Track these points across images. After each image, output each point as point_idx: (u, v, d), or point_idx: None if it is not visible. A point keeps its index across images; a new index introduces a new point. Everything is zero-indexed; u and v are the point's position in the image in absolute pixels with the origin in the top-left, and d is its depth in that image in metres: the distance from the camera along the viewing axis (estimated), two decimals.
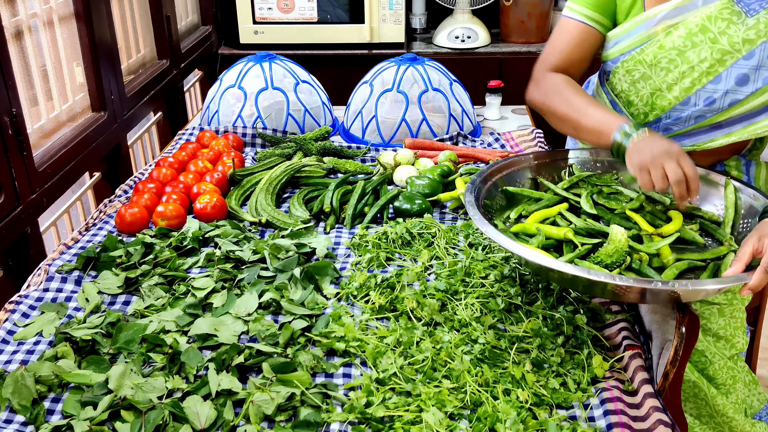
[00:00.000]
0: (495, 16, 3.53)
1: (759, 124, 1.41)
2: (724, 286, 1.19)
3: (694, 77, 1.41)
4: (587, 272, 1.17)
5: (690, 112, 1.45)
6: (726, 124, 1.44)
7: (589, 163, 1.61)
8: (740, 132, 1.43)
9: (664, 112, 1.48)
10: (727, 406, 1.59)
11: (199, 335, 1.32)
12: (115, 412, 1.14)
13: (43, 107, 1.99)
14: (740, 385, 1.63)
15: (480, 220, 1.31)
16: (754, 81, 1.37)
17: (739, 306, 1.59)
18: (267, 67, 2.30)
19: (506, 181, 1.56)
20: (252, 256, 1.57)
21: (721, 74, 1.39)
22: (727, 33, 1.37)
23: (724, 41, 1.37)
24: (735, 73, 1.38)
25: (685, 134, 1.49)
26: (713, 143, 1.47)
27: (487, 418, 1.12)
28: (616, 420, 1.13)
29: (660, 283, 1.16)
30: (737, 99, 1.39)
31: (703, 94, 1.42)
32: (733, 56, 1.37)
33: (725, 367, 1.60)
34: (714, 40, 1.38)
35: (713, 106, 1.42)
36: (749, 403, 1.68)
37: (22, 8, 1.88)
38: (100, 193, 2.33)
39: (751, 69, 1.37)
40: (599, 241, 1.36)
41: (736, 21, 1.36)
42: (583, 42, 1.53)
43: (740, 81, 1.38)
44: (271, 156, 2.08)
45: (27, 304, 1.44)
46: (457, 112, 2.28)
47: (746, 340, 1.62)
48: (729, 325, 1.58)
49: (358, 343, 1.30)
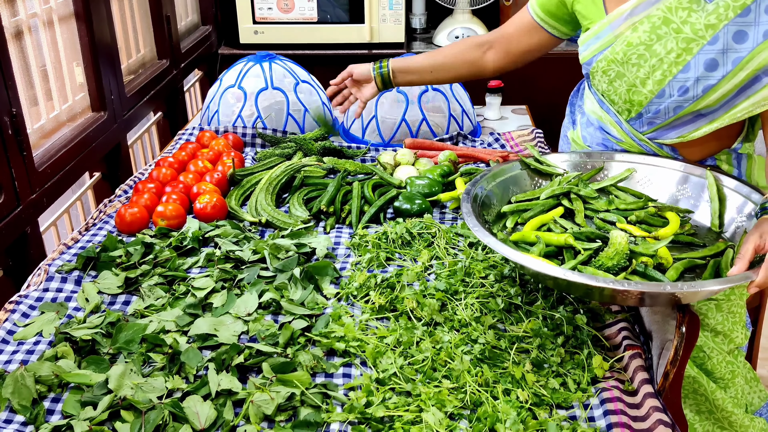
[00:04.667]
0: (495, 16, 3.53)
1: (738, 107, 1.42)
2: (732, 285, 1.18)
3: (664, 69, 1.43)
4: (596, 280, 1.17)
5: (667, 104, 1.47)
6: (707, 112, 1.46)
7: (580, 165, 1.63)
8: (722, 118, 1.45)
9: (643, 107, 1.50)
10: (726, 400, 1.59)
11: (199, 335, 1.32)
12: (115, 412, 1.14)
13: (43, 107, 1.99)
14: (740, 380, 1.63)
15: (481, 232, 1.31)
16: (723, 64, 1.39)
17: (738, 301, 1.59)
18: (267, 67, 2.30)
19: (500, 187, 1.57)
20: (252, 256, 1.57)
21: (690, 62, 1.41)
22: (689, 21, 1.39)
23: (688, 30, 1.39)
24: (703, 60, 1.40)
25: (668, 126, 1.51)
26: (698, 132, 1.48)
27: (487, 418, 1.12)
28: (616, 420, 1.13)
29: (668, 286, 1.15)
30: (710, 84, 1.41)
31: (676, 84, 1.44)
32: (698, 43, 1.39)
33: (724, 361, 1.60)
34: (678, 30, 1.40)
35: (688, 95, 1.43)
36: (750, 399, 1.68)
37: (22, 8, 1.88)
38: (100, 193, 2.33)
39: (718, 53, 1.38)
40: (599, 245, 1.36)
41: (696, 8, 1.38)
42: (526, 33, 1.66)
43: (709, 66, 1.40)
44: (271, 156, 2.08)
45: (27, 304, 1.44)
46: (457, 112, 2.28)
47: (746, 334, 1.62)
48: (727, 320, 1.58)
49: (358, 343, 1.30)
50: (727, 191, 1.45)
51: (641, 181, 1.57)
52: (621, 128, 1.58)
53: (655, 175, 1.56)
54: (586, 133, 1.71)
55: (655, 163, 1.56)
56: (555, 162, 1.64)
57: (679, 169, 1.54)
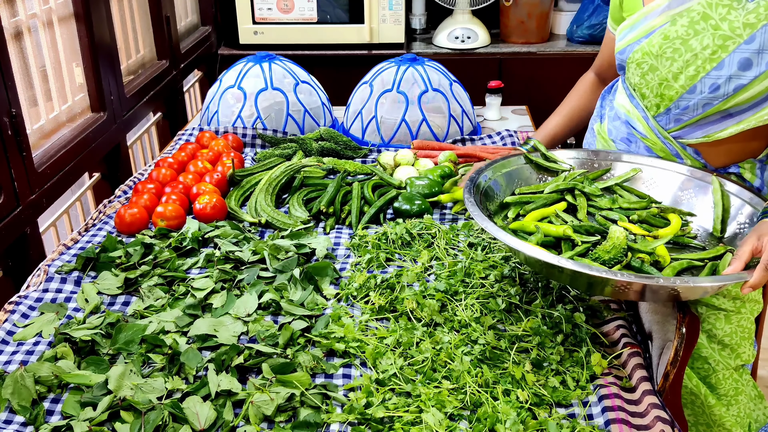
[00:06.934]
0: (495, 16, 3.53)
1: (766, 110, 1.42)
2: (725, 283, 1.19)
3: (698, 65, 1.43)
4: (589, 268, 1.17)
5: (697, 100, 1.46)
6: (735, 113, 1.45)
7: (587, 163, 1.63)
8: (749, 120, 1.44)
9: (672, 101, 1.49)
10: (725, 417, 1.58)
11: (199, 336, 1.32)
12: (114, 413, 1.14)
13: (43, 108, 1.99)
14: (743, 398, 1.61)
15: (480, 217, 1.31)
16: (757, 65, 1.38)
17: (747, 316, 1.58)
18: (267, 67, 2.30)
19: (505, 178, 1.57)
20: (252, 257, 1.57)
21: (724, 60, 1.40)
22: (728, 18, 1.39)
23: (726, 27, 1.39)
24: (737, 58, 1.39)
25: (695, 124, 1.50)
26: (723, 132, 1.47)
27: (487, 418, 1.12)
28: (615, 417, 1.13)
29: (661, 279, 1.16)
30: (741, 84, 1.40)
31: (708, 81, 1.43)
32: (734, 41, 1.39)
33: (730, 378, 1.59)
34: (716, 26, 1.40)
35: (718, 93, 1.43)
36: (755, 417, 1.67)
37: (22, 9, 1.88)
38: (100, 193, 2.33)
39: (753, 53, 1.38)
40: (597, 239, 1.36)
41: (736, 6, 1.38)
42: (609, 44, 1.73)
43: (743, 66, 1.39)
44: (271, 156, 2.08)
45: (26, 304, 1.44)
46: (457, 113, 2.28)
47: (753, 353, 1.61)
48: (735, 334, 1.57)
49: (358, 343, 1.30)
50: (731, 197, 1.45)
51: (646, 182, 1.57)
52: (647, 124, 1.57)
53: (660, 177, 1.56)
54: (612, 126, 1.71)
55: (661, 166, 1.56)
56: (562, 158, 1.64)
57: (684, 172, 1.53)
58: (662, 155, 1.58)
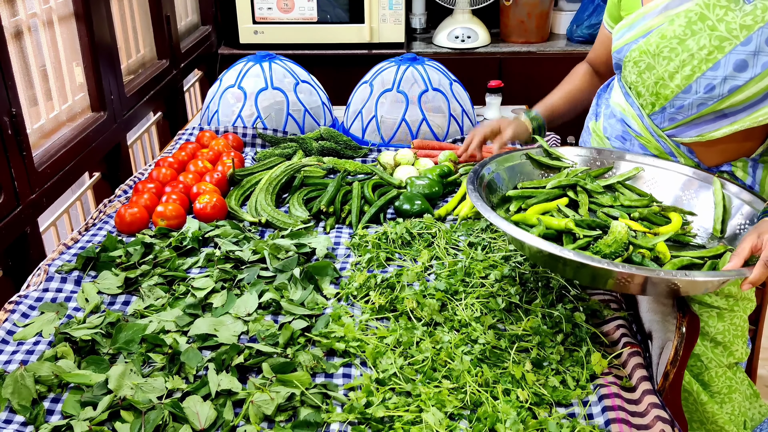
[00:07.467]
0: (495, 16, 3.53)
1: (760, 111, 1.42)
2: (726, 278, 1.19)
3: (694, 65, 1.43)
4: (592, 260, 1.17)
5: (692, 100, 1.46)
6: (730, 113, 1.45)
7: (590, 161, 1.63)
8: (743, 120, 1.44)
9: (668, 101, 1.50)
10: (718, 415, 1.58)
11: (199, 335, 1.32)
12: (114, 413, 1.14)
13: (43, 107, 1.99)
14: (737, 396, 1.61)
15: (483, 207, 1.31)
16: (752, 66, 1.38)
17: (741, 314, 1.58)
18: (267, 67, 2.30)
19: (508, 172, 1.57)
20: (252, 257, 1.57)
21: (720, 61, 1.41)
22: (725, 20, 1.39)
23: (722, 28, 1.39)
24: (733, 60, 1.40)
25: (690, 123, 1.51)
26: (717, 132, 1.48)
27: (487, 418, 1.12)
28: (615, 416, 1.13)
29: (663, 272, 1.16)
30: (737, 85, 1.41)
31: (703, 82, 1.44)
32: (731, 42, 1.39)
33: (723, 375, 1.59)
34: (713, 27, 1.40)
35: (713, 93, 1.43)
36: (750, 415, 1.68)
37: (22, 8, 1.88)
38: (100, 193, 2.33)
39: (749, 55, 1.38)
40: (599, 233, 1.36)
41: (733, 8, 1.39)
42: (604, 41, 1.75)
43: (738, 67, 1.40)
44: (271, 156, 2.08)
45: (27, 304, 1.44)
46: (457, 112, 2.28)
47: (746, 351, 1.61)
48: (728, 332, 1.57)
49: (358, 343, 1.30)
50: (731, 198, 1.45)
51: (648, 181, 1.57)
52: (642, 122, 1.57)
53: (662, 177, 1.56)
54: (607, 124, 1.72)
55: (663, 166, 1.56)
56: (565, 154, 1.64)
57: (685, 173, 1.54)
58: (656, 153, 1.59)
